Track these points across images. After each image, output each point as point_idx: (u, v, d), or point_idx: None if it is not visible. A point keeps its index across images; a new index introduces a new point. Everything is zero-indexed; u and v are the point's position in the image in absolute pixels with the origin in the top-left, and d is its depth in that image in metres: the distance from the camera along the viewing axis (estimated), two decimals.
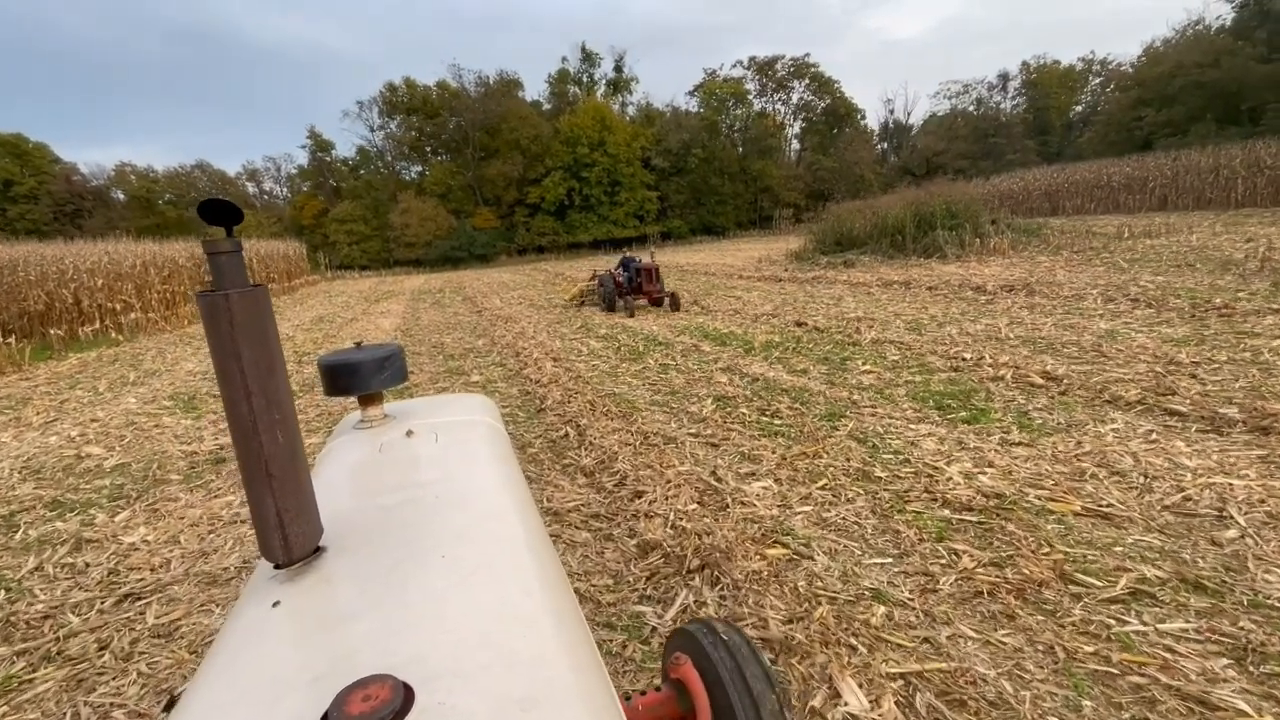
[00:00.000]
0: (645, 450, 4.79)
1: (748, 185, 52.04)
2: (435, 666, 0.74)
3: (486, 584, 0.94)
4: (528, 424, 5.89)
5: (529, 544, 1.09)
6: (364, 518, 1.16)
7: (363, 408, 1.70)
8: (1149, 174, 25.53)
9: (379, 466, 1.43)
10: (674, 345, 9.23)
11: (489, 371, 8.50)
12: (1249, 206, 22.12)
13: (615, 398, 6.46)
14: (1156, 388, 5.41)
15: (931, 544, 3.17)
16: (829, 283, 15.85)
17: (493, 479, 1.37)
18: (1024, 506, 3.48)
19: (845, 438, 4.84)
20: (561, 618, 0.90)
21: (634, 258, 14.15)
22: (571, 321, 12.53)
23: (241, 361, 0.90)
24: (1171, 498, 3.44)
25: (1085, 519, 3.33)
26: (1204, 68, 35.50)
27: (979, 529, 3.29)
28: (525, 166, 47.53)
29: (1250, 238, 15.16)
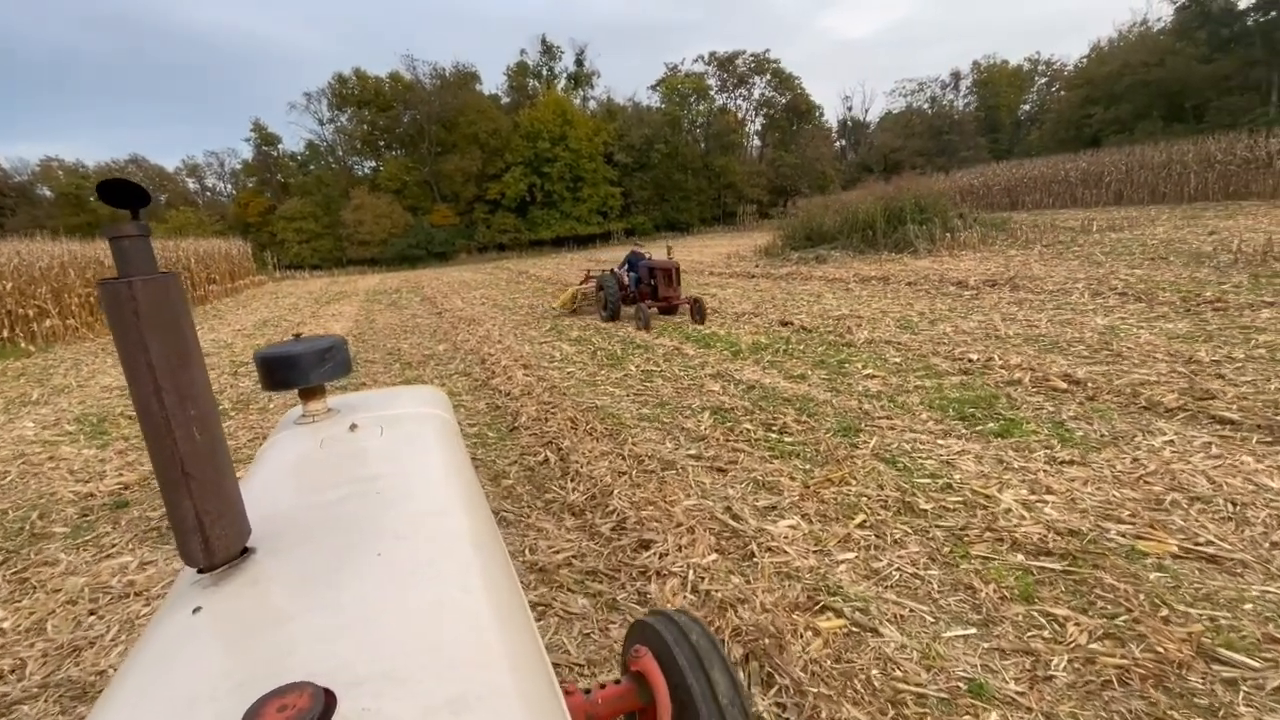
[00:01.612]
0: (642, 479, 4.08)
1: (711, 181, 51.72)
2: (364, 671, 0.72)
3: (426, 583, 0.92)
4: (499, 447, 5.10)
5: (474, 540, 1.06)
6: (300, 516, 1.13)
7: (304, 402, 1.63)
8: (1104, 169, 26.01)
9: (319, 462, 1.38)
10: (654, 348, 8.53)
11: (452, 382, 7.64)
12: (1202, 200, 22.69)
13: (598, 412, 5.72)
14: (1191, 391, 4.97)
15: (1020, 605, 2.55)
16: (804, 279, 15.41)
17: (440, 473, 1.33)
18: (1109, 548, 2.90)
19: (870, 457, 4.22)
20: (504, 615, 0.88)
21: (643, 254, 11.49)
22: (540, 323, 11.71)
23: (150, 355, 0.86)
24: (1276, 532, 2.91)
25: (1188, 563, 2.77)
26: (1149, 67, 36.66)
27: (1068, 581, 2.69)
28: (484, 162, 46.09)
29: (1213, 231, 15.32)
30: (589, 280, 13.05)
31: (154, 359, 0.86)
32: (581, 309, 12.58)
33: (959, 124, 62.08)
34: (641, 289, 10.81)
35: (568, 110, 47.12)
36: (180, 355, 0.89)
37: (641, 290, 10.79)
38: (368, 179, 48.88)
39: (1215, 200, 22.19)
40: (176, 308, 0.89)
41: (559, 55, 54.63)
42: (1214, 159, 22.39)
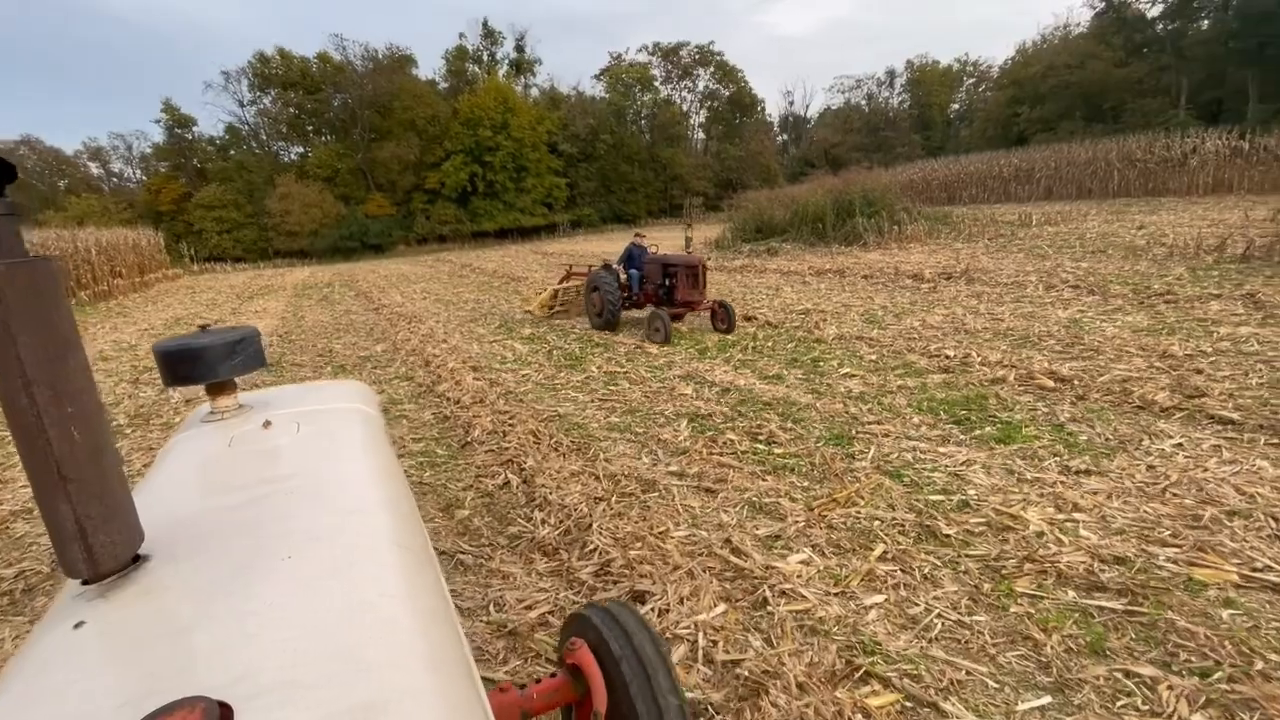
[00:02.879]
0: (622, 505, 3.54)
1: (657, 173, 51.33)
2: (265, 681, 0.69)
3: (339, 586, 0.88)
4: (450, 468, 4.44)
5: (395, 538, 1.03)
6: (202, 520, 1.08)
7: (212, 398, 1.54)
8: (1035, 166, 27.09)
9: (227, 462, 1.32)
10: (615, 347, 7.98)
11: (394, 388, 6.86)
12: (1125, 196, 23.88)
13: (562, 422, 5.13)
14: (1180, 388, 4.82)
15: (1094, 662, 2.16)
16: (759, 271, 15.17)
17: (361, 470, 1.29)
18: (1164, 578, 2.57)
19: (872, 471, 3.82)
20: (424, 615, 0.86)
21: (646, 244, 9.45)
22: (488, 319, 10.93)
23: (18, 347, 0.80)
24: None
25: (1253, 594, 2.46)
26: (1071, 69, 38.53)
27: (1136, 625, 2.33)
28: (422, 149, 44.08)
29: (1141, 225, 15.98)
30: (570, 278, 11.04)
31: (22, 351, 0.81)
32: (563, 312, 10.62)
33: (894, 121, 63.93)
34: (646, 289, 8.82)
35: (510, 98, 45.61)
36: (56, 349, 0.84)
37: (646, 291, 8.81)
38: (295, 166, 45.93)
39: (1137, 196, 23.38)
40: (51, 297, 0.84)
41: (500, 41, 52.88)
42: (1135, 158, 23.57)
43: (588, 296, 9.23)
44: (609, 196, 49.62)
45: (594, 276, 9.05)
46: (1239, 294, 7.92)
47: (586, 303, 9.28)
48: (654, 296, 8.75)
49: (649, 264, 8.88)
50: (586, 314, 9.41)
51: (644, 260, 9.04)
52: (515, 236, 42.88)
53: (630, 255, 9.17)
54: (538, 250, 29.85)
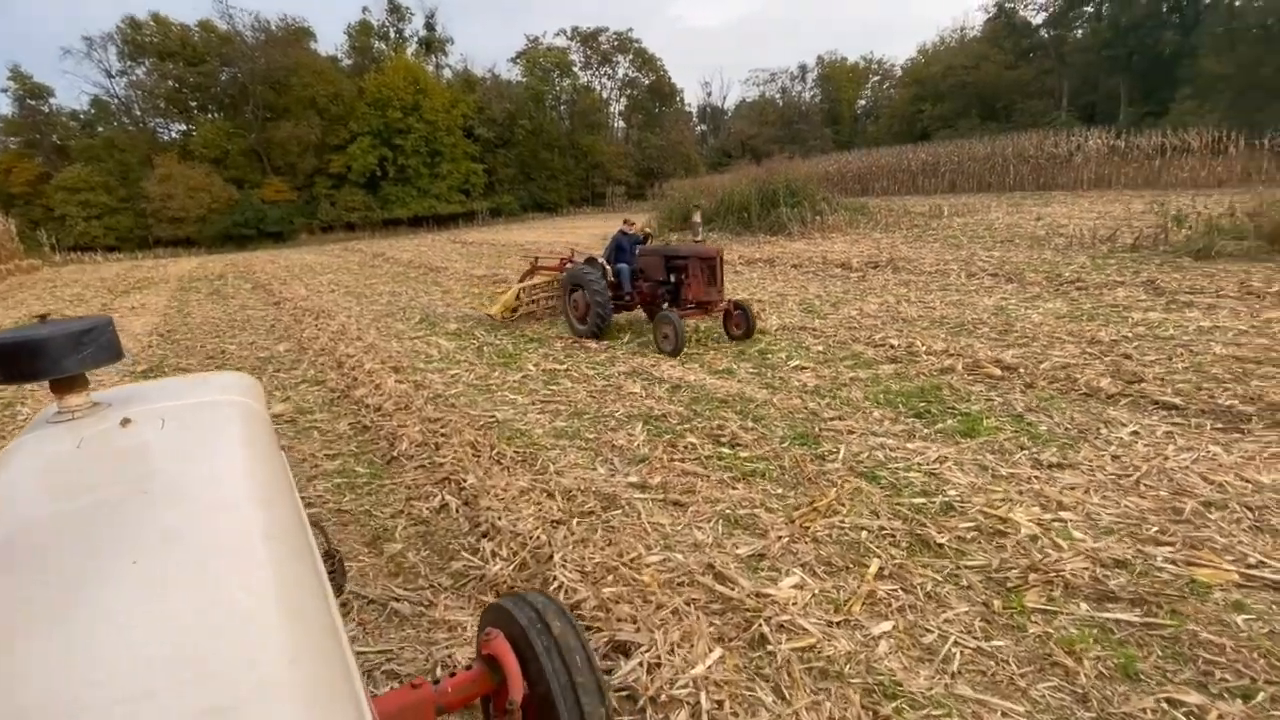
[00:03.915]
0: (584, 528, 3.11)
1: (578, 161, 50.37)
2: (102, 696, 0.66)
3: (194, 587, 0.84)
4: (374, 489, 3.84)
5: (268, 534, 0.99)
6: (39, 528, 1.01)
7: (58, 397, 1.41)
8: (940, 161, 28.53)
9: (73, 465, 1.23)
10: (551, 341, 7.47)
11: (301, 394, 6.05)
12: (1019, 190, 25.56)
13: (502, 429, 4.61)
14: (1118, 373, 4.93)
15: (1132, 689, 1.97)
16: None
17: (232, 466, 1.23)
18: (1169, 582, 2.45)
19: (845, 473, 3.59)
20: (294, 612, 0.83)
21: (637, 232, 7.91)
22: (407, 313, 10.07)
23: None
24: None
25: (1257, 594, 2.38)
26: (967, 69, 40.98)
27: (1160, 640, 2.18)
28: (325, 130, 40.96)
29: (1039, 217, 17.05)
30: (534, 273, 9.43)
31: None
32: (529, 315, 8.86)
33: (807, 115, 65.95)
34: (641, 287, 7.40)
35: (421, 78, 43.17)
36: None
37: (641, 290, 7.40)
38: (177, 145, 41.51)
39: (1030, 190, 25.09)
40: None
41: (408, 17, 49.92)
42: (1027, 154, 25.27)
43: (565, 298, 7.63)
44: (529, 184, 48.22)
45: (574, 273, 7.47)
46: (1139, 281, 8.41)
47: (564, 305, 7.67)
48: (651, 296, 7.32)
49: (646, 256, 7.36)
50: (564, 319, 7.81)
51: (635, 251, 7.54)
52: (431, 225, 40.81)
53: (619, 247, 7.57)
54: (456, 239, 28.43)
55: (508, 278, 13.81)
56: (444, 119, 42.69)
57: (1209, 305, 7.06)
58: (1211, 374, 4.84)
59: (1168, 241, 10.81)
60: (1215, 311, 6.78)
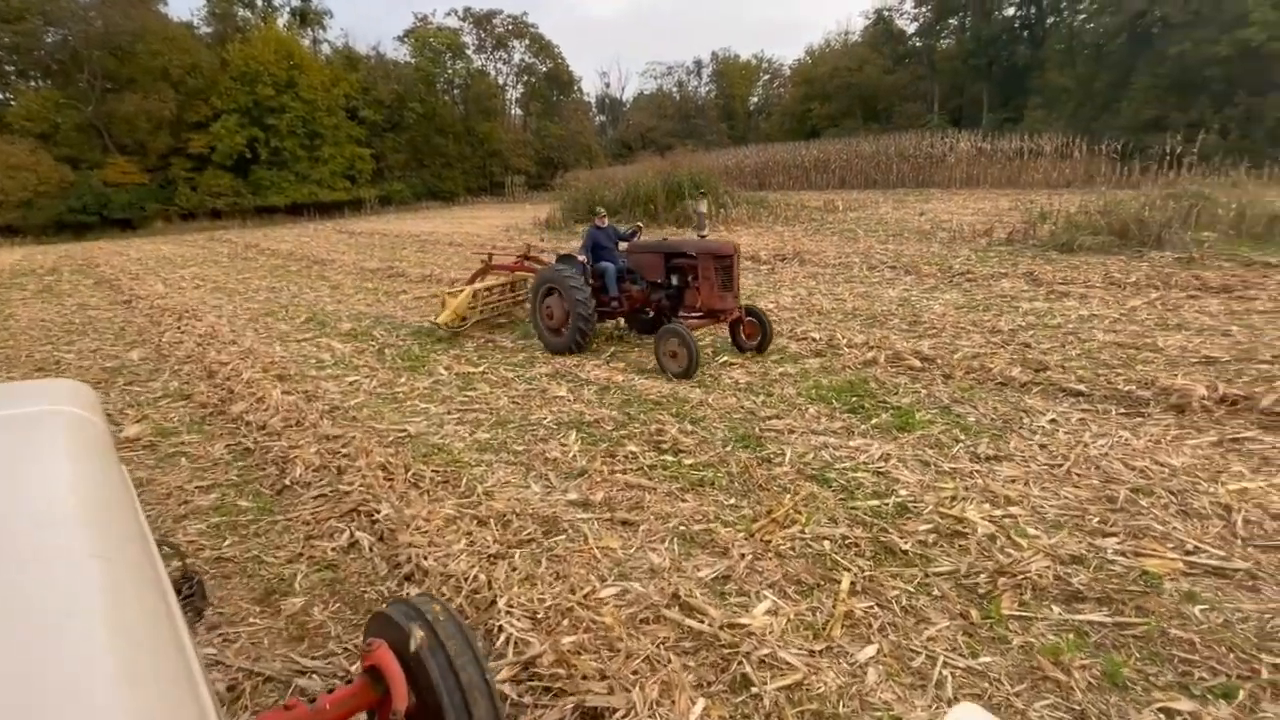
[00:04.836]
0: (526, 560, 2.73)
1: (475, 148, 48.34)
2: None
3: (7, 614, 0.78)
4: (263, 527, 3.23)
5: (98, 553, 0.92)
6: None
7: None
8: (831, 157, 29.98)
9: None
10: (461, 341, 6.90)
11: (161, 411, 5.14)
12: (901, 187, 27.38)
13: (416, 445, 4.09)
14: (1024, 362, 5.19)
15: (1125, 700, 1.92)
16: None
17: (57, 480, 1.14)
18: (1122, 575, 2.49)
19: (796, 477, 3.45)
20: (128, 636, 0.78)
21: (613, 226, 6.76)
22: (290, 311, 9.01)
23: None
24: (1239, 528, 2.78)
25: (1203, 581, 2.45)
26: (851, 72, 43.37)
27: (1134, 640, 2.17)
28: (181, 105, 36.45)
29: (922, 212, 18.27)
30: (487, 271, 8.05)
31: None
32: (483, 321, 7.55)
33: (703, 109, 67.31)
34: (630, 291, 6.29)
35: (295, 52, 39.45)
36: None
37: (631, 294, 6.30)
38: None
39: (911, 187, 26.93)
40: None
41: None
42: (907, 154, 27.09)
43: (537, 304, 6.36)
44: (422, 171, 45.66)
45: (548, 274, 6.28)
46: (1020, 273, 9.08)
47: (534, 313, 6.43)
48: (642, 301, 6.33)
49: (638, 253, 6.28)
50: (534, 328, 6.55)
51: (617, 247, 6.48)
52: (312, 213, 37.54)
53: (596, 244, 6.39)
54: (343, 229, 26.28)
55: (405, 271, 12.85)
56: (324, 98, 39.39)
57: (1082, 295, 7.71)
58: (1102, 360, 5.22)
59: (1035, 236, 11.80)
60: (1088, 300, 7.41)
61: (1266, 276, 7.80)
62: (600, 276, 6.26)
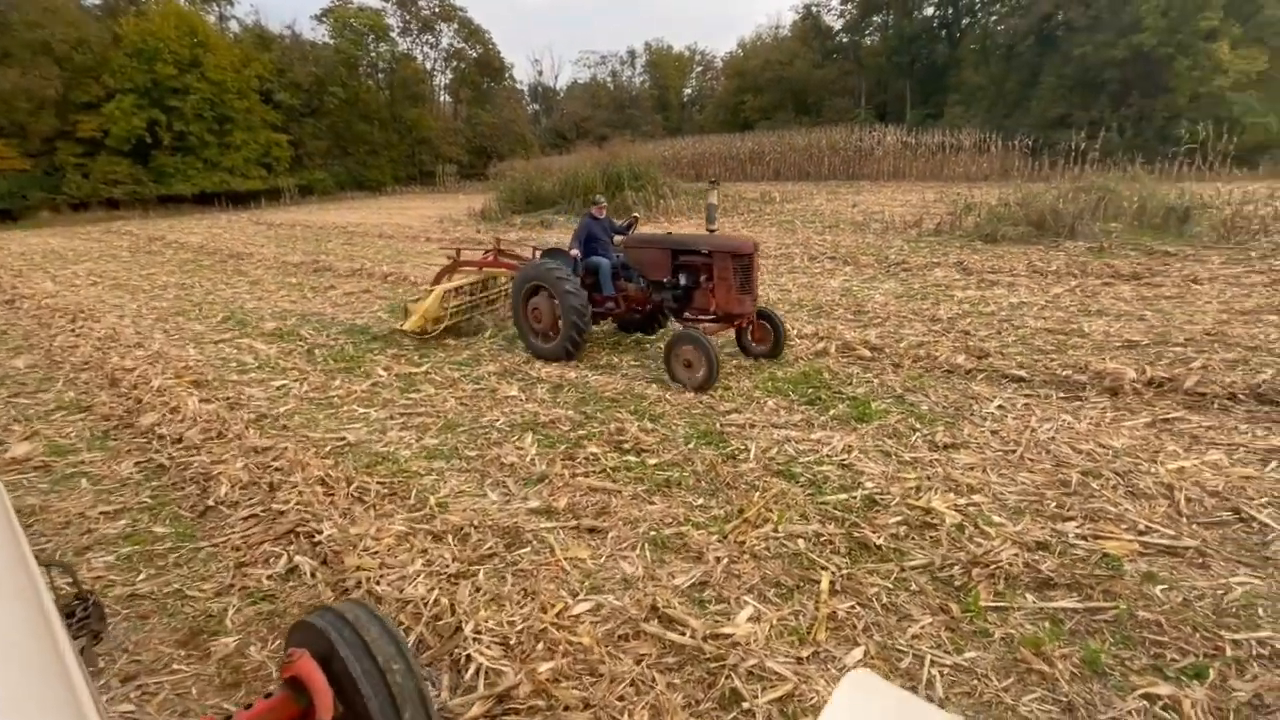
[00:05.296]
0: (491, 578, 2.54)
1: (402, 135, 46.32)
2: None
3: None
4: (184, 556, 2.88)
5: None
6: None
7: None
8: (765, 149, 30.49)
9: None
10: (398, 340, 6.50)
11: (55, 426, 4.56)
12: (833, 179, 28.17)
13: (358, 454, 3.78)
14: (966, 350, 5.35)
15: (1108, 688, 1.94)
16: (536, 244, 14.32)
17: None
18: (1085, 559, 2.55)
19: (763, 473, 3.40)
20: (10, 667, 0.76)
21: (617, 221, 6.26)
22: (205, 310, 8.29)
23: None
24: (1183, 506, 2.91)
25: (1159, 560, 2.54)
26: (782, 65, 44.21)
27: (1105, 625, 2.21)
28: (67, 84, 33.09)
29: (855, 204, 18.84)
30: (455, 269, 7.11)
31: None
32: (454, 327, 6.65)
33: (638, 100, 67.12)
34: (628, 290, 5.71)
35: (199, 29, 36.47)
36: None
37: (629, 294, 5.72)
38: None
39: (841, 179, 27.74)
40: None
41: None
42: (838, 147, 27.88)
43: (521, 304, 5.70)
44: (346, 159, 43.39)
45: (535, 271, 5.61)
46: (951, 262, 9.44)
47: (519, 315, 5.79)
48: (640, 301, 5.75)
49: (640, 248, 5.60)
50: (519, 333, 5.89)
51: (612, 241, 5.84)
52: (224, 203, 35.01)
53: (590, 237, 5.73)
54: (260, 220, 24.60)
55: (332, 264, 12.10)
56: (233, 80, 36.73)
57: (1009, 283, 8.08)
58: (1036, 345, 5.45)
59: (961, 227, 12.32)
60: (1016, 288, 7.77)
61: (1168, 264, 8.42)
62: (594, 273, 5.61)
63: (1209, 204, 11.69)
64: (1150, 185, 12.79)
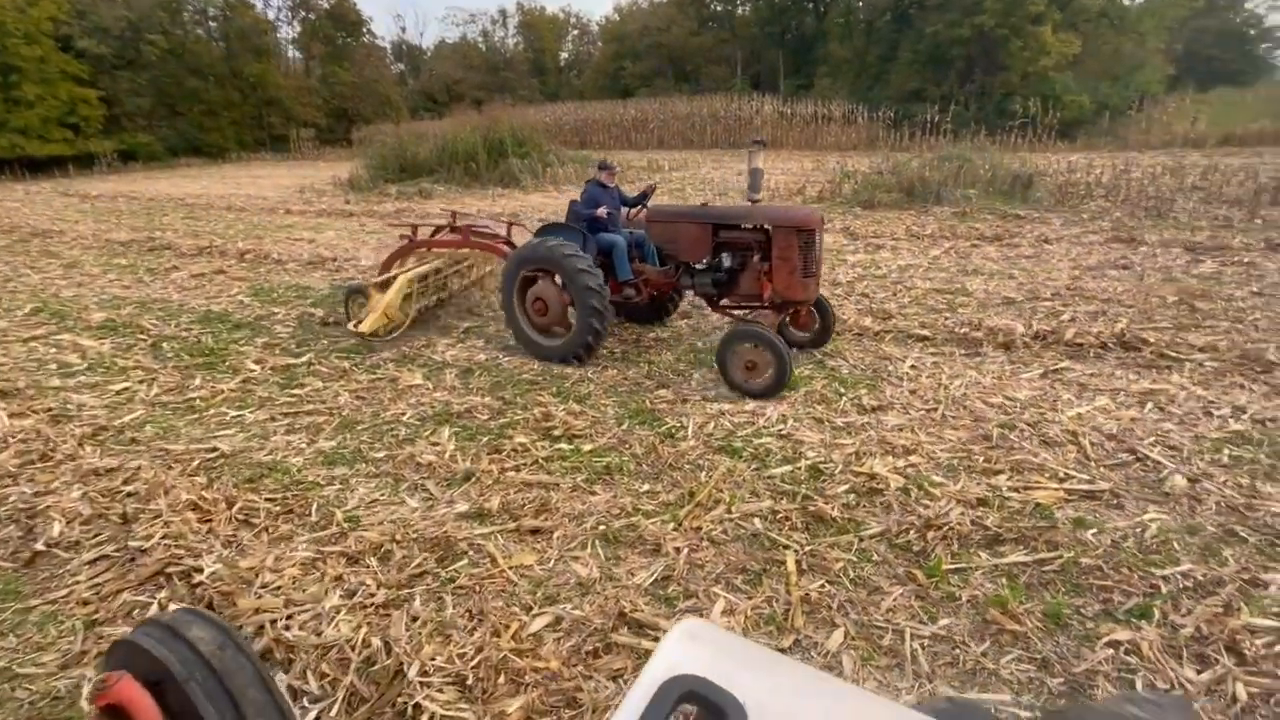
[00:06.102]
0: (428, 604, 2.19)
1: (245, 95, 41.07)
2: None
3: None
4: (10, 618, 2.25)
5: None
6: None
7: None
8: (649, 117, 30.30)
9: None
10: (270, 325, 5.67)
11: None
12: (716, 148, 28.61)
13: (236, 468, 3.19)
14: (871, 313, 5.54)
15: (1066, 638, 2.00)
16: (422, 216, 13.26)
17: None
18: (1021, 511, 2.66)
19: (705, 451, 3.26)
20: None
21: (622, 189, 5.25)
22: (8, 301, 6.79)
23: None
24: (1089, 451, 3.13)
25: (1083, 505, 2.70)
26: (660, 31, 43.96)
27: (1056, 576, 2.29)
28: None
29: (740, 171, 19.23)
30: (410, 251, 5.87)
31: None
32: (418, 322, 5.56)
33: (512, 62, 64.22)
34: (648, 275, 4.75)
35: None
36: None
37: (650, 278, 4.75)
38: None
39: (725, 148, 28.25)
40: None
41: None
42: (719, 115, 28.28)
43: (512, 294, 4.66)
44: (176, 120, 37.76)
45: (536, 251, 4.49)
46: (839, 228, 9.84)
47: (513, 308, 4.69)
48: (666, 287, 4.87)
49: (665, 223, 4.63)
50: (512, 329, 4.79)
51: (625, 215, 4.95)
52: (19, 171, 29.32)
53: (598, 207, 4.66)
54: (71, 191, 20.82)
55: (172, 242, 10.44)
56: (17, 22, 30.63)
57: (893, 246, 8.54)
58: (930, 305, 5.75)
59: (841, 194, 12.92)
60: (900, 252, 8.22)
61: (1021, 227, 9.28)
62: (606, 253, 4.58)
63: (1043, 172, 13.06)
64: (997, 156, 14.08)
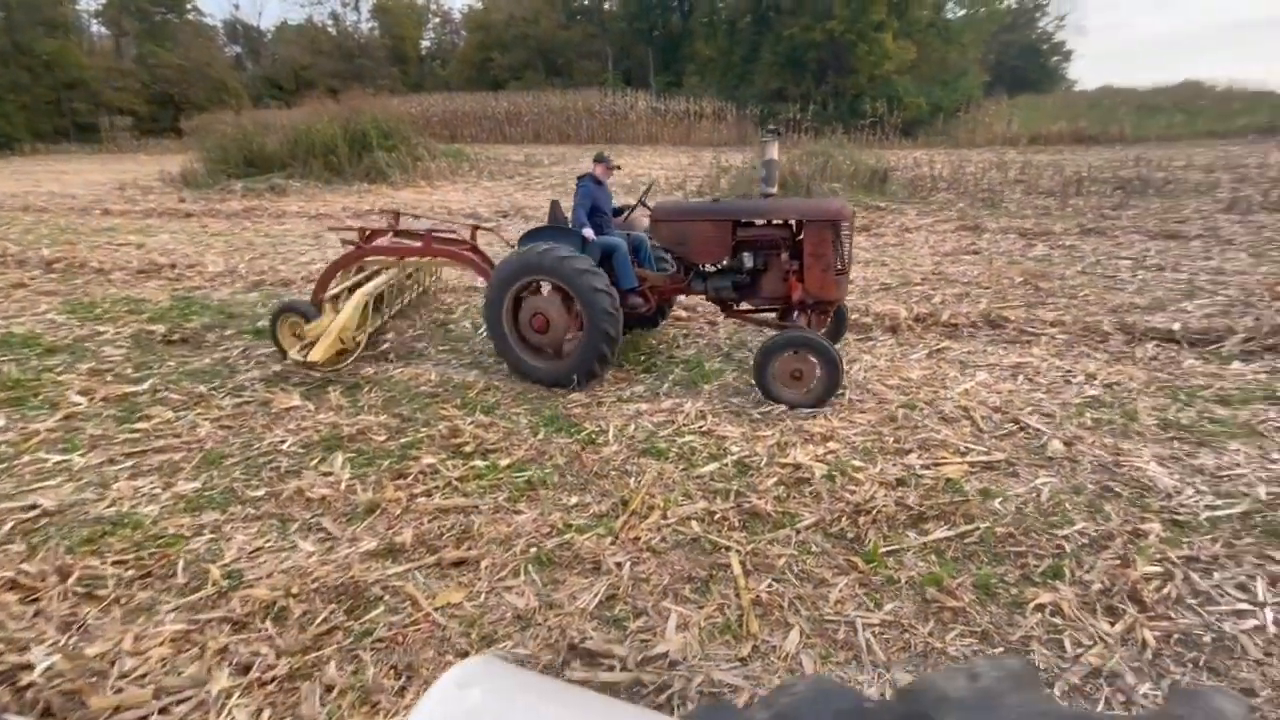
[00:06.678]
0: (344, 668, 1.88)
1: (38, 76, 34.99)
2: None
3: None
4: None
5: None
6: None
7: None
8: (523, 110, 29.52)
9: None
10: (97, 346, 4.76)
11: None
12: (591, 143, 28.45)
13: (70, 527, 2.59)
14: None
15: (999, 608, 2.10)
16: (275, 216, 11.98)
17: None
18: (935, 487, 2.80)
19: (628, 455, 3.15)
20: None
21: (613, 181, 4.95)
22: None
23: None
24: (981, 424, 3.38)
25: (986, 475, 2.90)
26: (528, 23, 42.98)
27: (978, 548, 2.42)
28: None
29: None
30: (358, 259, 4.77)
31: None
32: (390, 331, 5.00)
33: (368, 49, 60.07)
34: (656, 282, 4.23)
35: None
36: None
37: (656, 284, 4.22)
38: None
39: (601, 143, 28.20)
40: None
41: None
42: (594, 110, 28.18)
43: (500, 309, 4.02)
44: None
45: (533, 260, 3.89)
46: None
47: (501, 325, 4.06)
48: (674, 293, 4.38)
49: (675, 223, 4.10)
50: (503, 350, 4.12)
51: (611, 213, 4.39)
52: None
53: (594, 209, 4.22)
54: None
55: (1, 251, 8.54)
56: None
57: None
58: None
59: (719, 188, 13.34)
60: None
61: (883, 218, 10.06)
62: (607, 258, 4.03)
63: (895, 167, 14.28)
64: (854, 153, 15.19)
